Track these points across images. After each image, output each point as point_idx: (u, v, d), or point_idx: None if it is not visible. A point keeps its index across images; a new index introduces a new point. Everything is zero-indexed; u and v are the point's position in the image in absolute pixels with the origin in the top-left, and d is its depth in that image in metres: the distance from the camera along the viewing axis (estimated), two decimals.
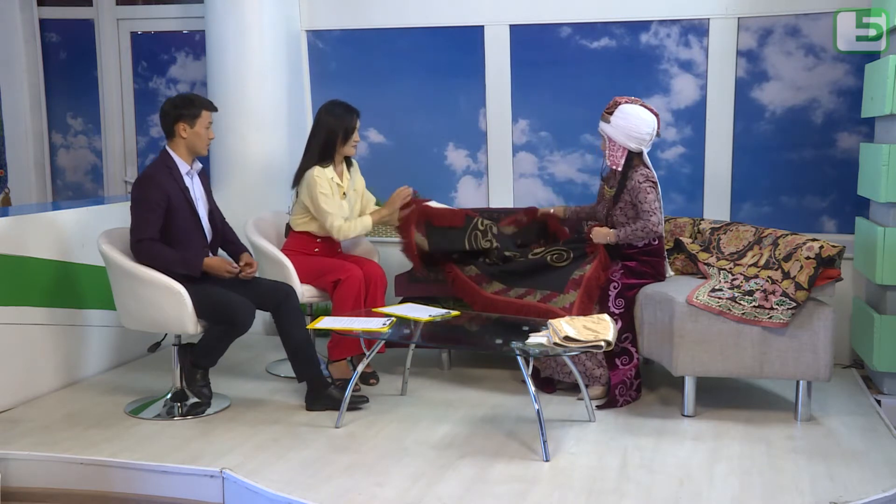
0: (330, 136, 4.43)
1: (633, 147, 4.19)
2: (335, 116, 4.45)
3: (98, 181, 6.55)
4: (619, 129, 4.17)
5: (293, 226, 4.56)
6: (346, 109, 4.48)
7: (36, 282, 4.25)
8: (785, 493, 3.14)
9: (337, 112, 4.46)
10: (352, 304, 4.29)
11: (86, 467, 3.49)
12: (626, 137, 4.17)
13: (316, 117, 4.52)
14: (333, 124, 4.43)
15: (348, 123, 4.45)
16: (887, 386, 4.35)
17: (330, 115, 4.46)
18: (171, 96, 4.11)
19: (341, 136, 4.44)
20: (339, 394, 3.97)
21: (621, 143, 4.19)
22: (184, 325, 3.89)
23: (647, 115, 4.17)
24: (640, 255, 4.23)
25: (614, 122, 4.18)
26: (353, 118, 4.47)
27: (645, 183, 4.15)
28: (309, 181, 4.39)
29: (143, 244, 3.89)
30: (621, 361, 4.13)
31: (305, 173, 4.41)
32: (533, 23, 5.37)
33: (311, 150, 4.47)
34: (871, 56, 4.71)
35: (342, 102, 4.53)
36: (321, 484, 3.22)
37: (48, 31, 6.47)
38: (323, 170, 4.40)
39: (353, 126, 4.47)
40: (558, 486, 3.19)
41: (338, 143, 4.44)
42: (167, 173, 3.95)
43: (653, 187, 4.17)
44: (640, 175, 4.18)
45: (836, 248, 3.82)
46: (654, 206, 4.13)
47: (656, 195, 4.17)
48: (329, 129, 4.43)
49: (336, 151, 4.46)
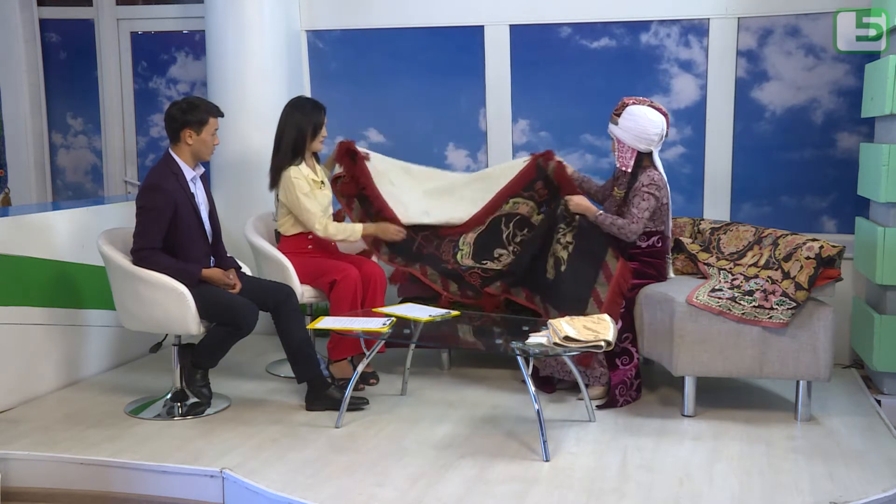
0: (300, 134, 4.44)
1: (643, 148, 4.18)
2: (303, 113, 4.46)
3: (98, 181, 6.54)
4: (628, 131, 4.16)
5: (282, 231, 4.57)
6: (313, 106, 4.51)
7: (36, 282, 4.25)
8: (785, 493, 3.14)
9: (305, 109, 4.48)
10: (349, 304, 4.29)
11: (86, 467, 3.49)
12: (635, 139, 4.16)
13: (283, 115, 4.52)
14: (302, 121, 4.45)
15: (317, 119, 4.47)
16: (887, 386, 4.35)
17: (297, 111, 4.48)
18: (176, 99, 4.09)
19: (310, 133, 4.45)
20: (339, 394, 3.97)
21: (630, 145, 4.18)
22: (187, 325, 3.89)
23: (654, 116, 4.15)
24: (644, 255, 4.23)
25: (622, 123, 4.17)
26: (320, 114, 4.49)
27: (648, 187, 4.13)
28: (287, 183, 4.40)
29: (145, 253, 3.90)
30: (621, 361, 4.13)
31: (282, 174, 4.42)
32: (533, 23, 5.37)
33: (281, 148, 4.47)
34: (871, 56, 4.71)
35: (309, 99, 4.59)
36: (321, 484, 3.22)
37: (48, 31, 6.47)
38: (298, 168, 4.41)
39: (322, 122, 4.49)
40: (558, 486, 3.19)
41: (307, 139, 4.46)
42: (174, 180, 3.93)
43: (652, 194, 4.13)
44: (646, 177, 4.16)
45: (836, 248, 3.82)
46: (643, 214, 4.12)
47: (656, 204, 4.15)
48: (299, 127, 4.44)
49: (306, 148, 4.48)
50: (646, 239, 4.22)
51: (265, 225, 4.78)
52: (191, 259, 3.98)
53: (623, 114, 4.17)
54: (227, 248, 4.27)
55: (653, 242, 4.23)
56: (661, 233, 4.25)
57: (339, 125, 5.59)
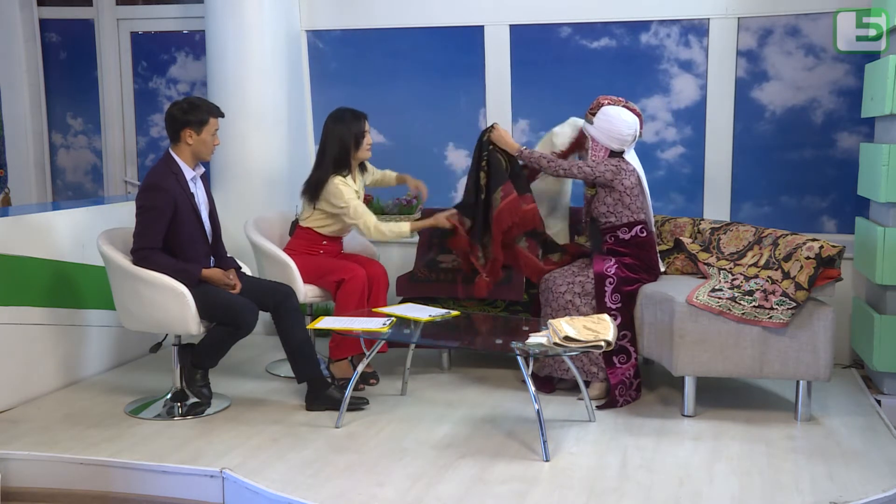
0: (342, 146, 4.42)
1: (616, 147, 4.23)
2: (344, 124, 4.43)
3: (98, 181, 6.55)
4: (601, 131, 4.21)
5: (301, 220, 4.54)
6: (353, 115, 4.46)
7: (36, 282, 4.25)
8: (785, 493, 3.14)
9: (346, 119, 4.44)
10: (355, 304, 4.29)
11: (86, 467, 3.49)
12: (608, 138, 4.21)
13: (324, 128, 4.48)
14: (343, 132, 4.42)
15: (358, 129, 4.44)
16: (887, 386, 4.35)
17: (338, 123, 4.44)
18: (177, 99, 4.09)
19: (353, 143, 4.44)
20: (339, 394, 3.97)
21: (604, 144, 4.23)
22: (187, 325, 3.89)
23: (628, 117, 4.19)
24: (630, 248, 4.22)
25: (597, 123, 4.22)
26: (361, 123, 4.46)
27: (607, 162, 4.19)
28: (333, 191, 4.35)
29: (145, 253, 3.89)
30: (619, 360, 4.13)
31: (326, 185, 4.37)
32: (533, 23, 5.37)
33: (324, 161, 4.42)
34: (871, 56, 4.71)
35: (349, 109, 4.50)
36: (321, 484, 3.22)
37: (48, 31, 6.47)
38: (343, 179, 4.39)
39: (363, 130, 4.46)
40: (558, 486, 3.19)
41: (351, 150, 4.44)
42: (174, 180, 3.93)
43: (609, 168, 4.16)
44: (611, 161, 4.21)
45: (836, 248, 3.82)
46: (584, 168, 4.19)
47: (604, 171, 4.16)
48: (341, 138, 4.42)
49: (352, 158, 4.46)
50: (627, 231, 4.22)
51: (265, 225, 4.78)
52: (191, 259, 3.98)
53: (598, 113, 4.22)
54: (228, 248, 4.27)
55: (636, 232, 4.23)
56: (644, 223, 4.25)
57: None
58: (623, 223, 4.22)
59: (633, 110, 4.24)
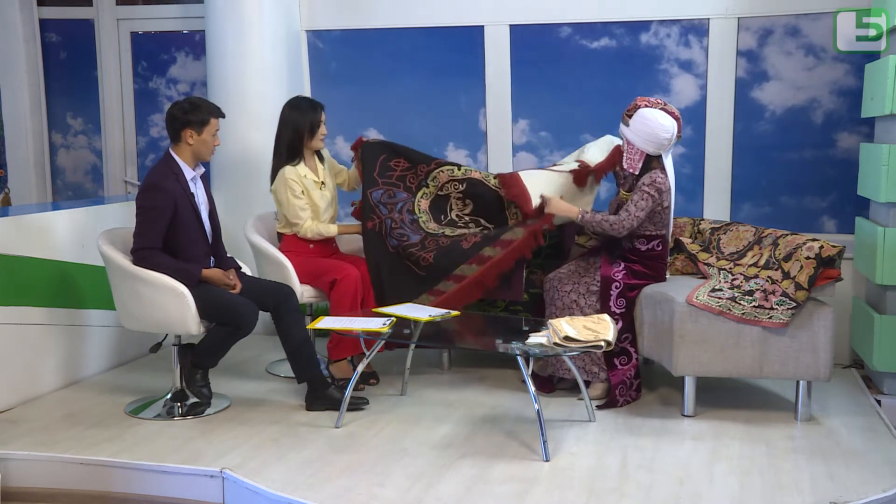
0: (296, 133, 4.45)
1: (651, 151, 4.11)
2: (300, 112, 4.47)
3: (98, 181, 6.55)
4: (637, 133, 4.09)
5: (278, 228, 4.61)
6: (310, 104, 4.51)
7: (36, 282, 4.25)
8: (785, 493, 3.14)
9: (301, 107, 4.49)
10: (349, 303, 4.29)
11: (86, 467, 3.49)
12: (644, 141, 4.09)
13: (280, 116, 4.53)
14: (298, 120, 4.46)
15: (313, 118, 4.47)
16: (887, 386, 4.35)
17: (294, 110, 4.49)
18: (178, 99, 4.10)
19: (307, 132, 4.46)
20: (339, 394, 3.97)
21: (639, 147, 4.11)
22: (187, 326, 3.89)
23: (665, 120, 4.06)
24: (643, 258, 4.21)
25: (633, 125, 4.10)
26: (317, 112, 4.49)
27: (648, 187, 4.06)
28: (279, 183, 4.43)
29: (145, 252, 3.90)
30: (620, 361, 4.13)
31: (278, 174, 4.44)
32: (533, 23, 5.37)
33: (279, 149, 4.49)
34: (871, 56, 4.71)
35: (306, 98, 4.59)
36: (321, 484, 3.22)
37: (48, 31, 6.47)
38: (294, 168, 4.42)
39: (319, 120, 4.49)
40: (558, 486, 3.19)
41: (304, 138, 4.46)
42: (174, 180, 3.93)
43: (651, 195, 4.06)
44: (648, 177, 4.09)
45: (836, 248, 3.82)
46: (639, 213, 4.05)
47: (653, 204, 4.07)
48: (295, 126, 4.45)
49: (304, 147, 4.49)
50: (646, 242, 4.20)
51: (265, 225, 4.78)
52: (191, 259, 3.98)
53: (634, 115, 4.10)
54: (227, 248, 4.27)
55: (653, 246, 4.21)
56: (662, 237, 4.22)
57: (339, 125, 5.61)
58: (643, 235, 4.18)
59: (671, 113, 4.09)
